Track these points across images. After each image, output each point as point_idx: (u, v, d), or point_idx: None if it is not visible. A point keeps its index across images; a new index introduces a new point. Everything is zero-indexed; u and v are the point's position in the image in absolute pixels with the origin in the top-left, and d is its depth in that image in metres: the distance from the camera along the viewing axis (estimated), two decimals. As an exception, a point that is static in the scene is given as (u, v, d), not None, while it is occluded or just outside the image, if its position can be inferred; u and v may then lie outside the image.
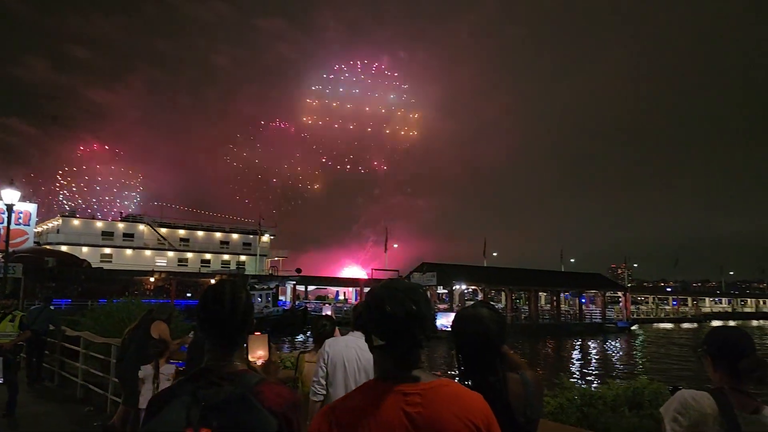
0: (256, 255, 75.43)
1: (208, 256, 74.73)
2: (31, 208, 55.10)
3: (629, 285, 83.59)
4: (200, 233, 76.13)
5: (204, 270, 68.44)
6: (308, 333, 37.08)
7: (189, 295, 53.35)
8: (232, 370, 1.70)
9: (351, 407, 1.54)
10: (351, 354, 3.80)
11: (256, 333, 2.04)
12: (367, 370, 3.68)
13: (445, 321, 41.21)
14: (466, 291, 56.42)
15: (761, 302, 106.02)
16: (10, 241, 18.19)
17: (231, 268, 73.40)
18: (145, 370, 6.31)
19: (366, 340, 1.67)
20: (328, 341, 4.04)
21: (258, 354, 1.99)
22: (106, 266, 59.62)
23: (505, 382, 2.12)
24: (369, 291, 1.73)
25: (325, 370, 3.80)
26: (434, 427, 1.47)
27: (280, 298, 57.89)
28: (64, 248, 61.03)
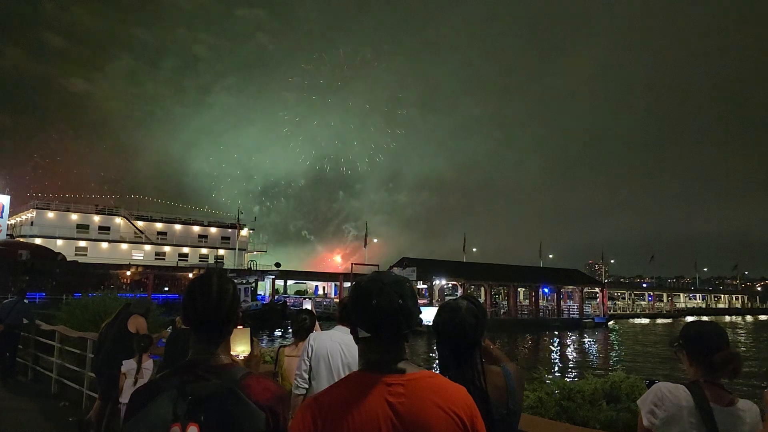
0: (234, 249, 74.91)
1: (186, 249, 73.98)
2: (3, 200, 54.14)
3: (606, 281, 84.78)
4: (178, 227, 75.28)
5: (182, 264, 67.81)
6: (288, 327, 36.99)
7: (166, 289, 52.86)
8: (218, 363, 1.68)
9: (334, 398, 1.53)
10: (335, 348, 3.79)
11: (239, 327, 2.02)
12: (351, 366, 3.67)
13: (425, 315, 41.26)
14: (445, 286, 56.71)
15: (734, 298, 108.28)
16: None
17: (209, 262, 72.79)
18: (128, 365, 6.25)
19: (351, 332, 1.67)
20: (312, 335, 4.03)
21: (240, 348, 1.97)
22: (81, 259, 58.64)
23: (485, 374, 2.13)
24: (355, 283, 1.72)
25: (308, 363, 3.79)
26: (417, 418, 1.48)
27: (259, 292, 57.61)
28: (38, 241, 59.96)
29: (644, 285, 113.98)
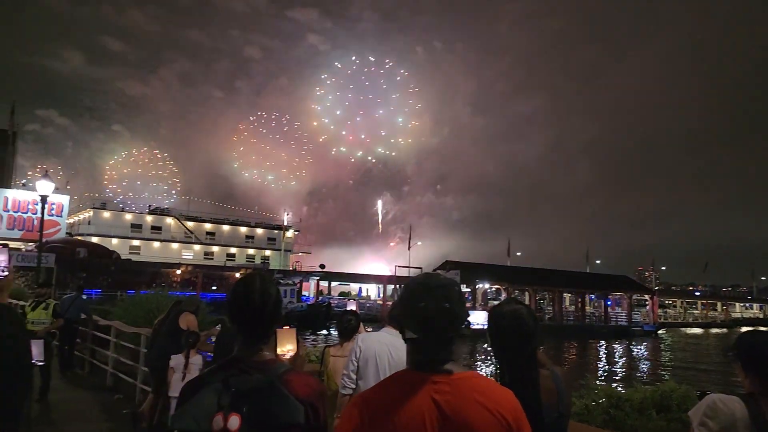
0: (280, 250, 76.10)
1: (233, 250, 75.61)
2: (63, 199, 56.35)
3: (656, 288, 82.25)
4: (226, 227, 77.05)
5: (229, 264, 69.26)
6: (331, 328, 37.27)
7: (214, 288, 54.03)
8: (261, 359, 1.77)
9: (381, 395, 1.58)
10: (383, 350, 3.83)
11: (285, 327, 2.10)
12: (398, 367, 3.69)
13: (474, 319, 41.20)
14: (489, 290, 56.14)
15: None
16: (43, 232, 18.63)
17: (256, 262, 74.14)
18: (176, 360, 6.45)
19: (399, 331, 1.71)
20: (359, 336, 4.09)
21: (287, 347, 2.04)
22: (134, 258, 60.72)
23: (537, 378, 2.15)
24: (405, 285, 1.77)
25: (356, 364, 3.84)
26: (462, 416, 1.50)
27: (303, 293, 58.28)
28: (94, 239, 62.31)
29: (697, 293, 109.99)
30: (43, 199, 15.96)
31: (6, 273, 2.50)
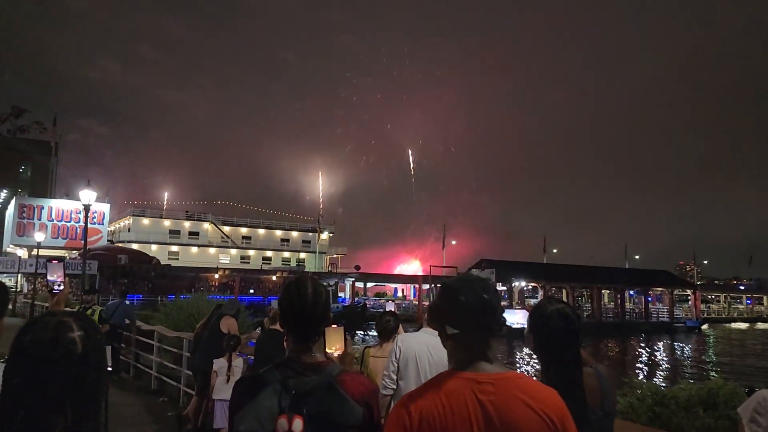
0: (315, 252, 76.67)
1: (269, 253, 76.46)
2: (104, 207, 57.89)
3: (699, 283, 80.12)
4: (261, 231, 77.96)
5: (265, 267, 70.09)
6: (367, 329, 37.42)
7: (252, 291, 54.78)
8: (314, 361, 1.80)
9: (427, 396, 1.59)
10: (423, 350, 3.85)
11: (333, 326, 2.16)
12: (438, 367, 3.71)
13: (512, 318, 40.82)
14: (525, 288, 55.53)
15: None
16: (87, 240, 19.18)
17: (291, 265, 74.85)
18: (219, 363, 6.57)
19: (439, 333, 1.73)
20: (399, 337, 4.11)
21: (335, 346, 2.09)
22: (173, 263, 61.93)
23: (581, 377, 2.14)
24: (443, 284, 1.82)
25: (396, 365, 3.87)
26: (507, 416, 1.51)
27: (339, 294, 58.59)
28: (134, 246, 63.72)
29: (741, 287, 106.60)
30: (86, 208, 16.34)
31: (62, 287, 2.60)
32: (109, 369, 4.69)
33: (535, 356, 2.33)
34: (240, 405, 1.71)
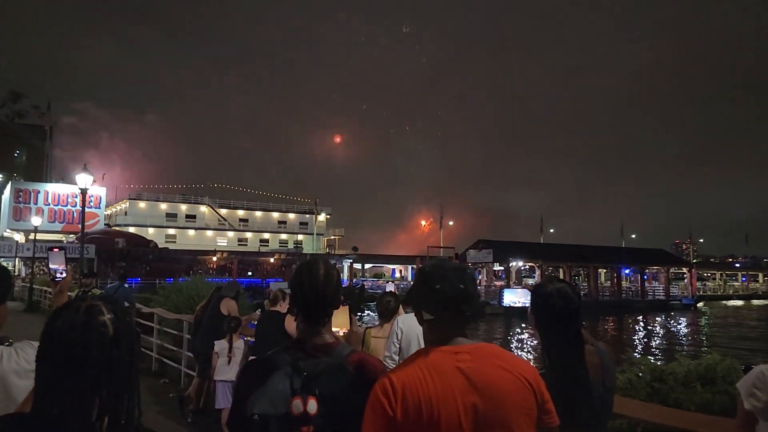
0: (312, 234, 76.75)
1: (266, 235, 76.53)
2: (101, 191, 57.80)
3: (695, 261, 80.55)
4: (258, 213, 77.93)
5: (263, 249, 70.19)
6: (365, 310, 37.55)
7: (250, 273, 54.96)
8: (324, 342, 1.81)
9: (408, 368, 1.63)
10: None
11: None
12: None
13: (512, 298, 41.19)
14: (522, 268, 55.77)
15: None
16: (84, 224, 19.13)
17: (289, 247, 74.95)
18: (220, 345, 6.61)
19: (415, 315, 1.79)
20: (399, 318, 4.13)
21: (340, 324, 2.10)
22: (170, 246, 61.97)
23: (583, 354, 2.18)
24: (419, 269, 1.86)
25: (398, 345, 3.90)
26: (487, 379, 1.58)
27: (337, 276, 58.65)
28: (131, 230, 63.71)
29: (737, 264, 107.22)
30: (83, 192, 16.26)
31: (65, 275, 2.60)
32: None
33: (535, 335, 2.36)
34: (251, 389, 1.70)
